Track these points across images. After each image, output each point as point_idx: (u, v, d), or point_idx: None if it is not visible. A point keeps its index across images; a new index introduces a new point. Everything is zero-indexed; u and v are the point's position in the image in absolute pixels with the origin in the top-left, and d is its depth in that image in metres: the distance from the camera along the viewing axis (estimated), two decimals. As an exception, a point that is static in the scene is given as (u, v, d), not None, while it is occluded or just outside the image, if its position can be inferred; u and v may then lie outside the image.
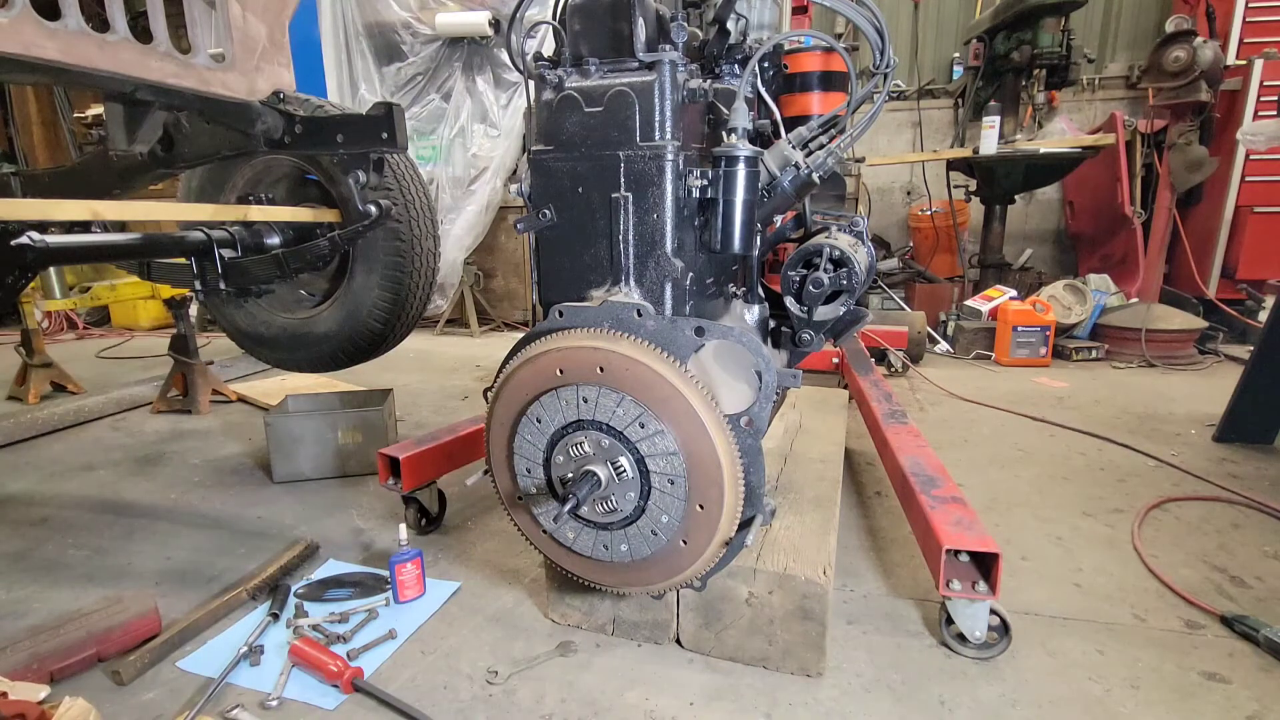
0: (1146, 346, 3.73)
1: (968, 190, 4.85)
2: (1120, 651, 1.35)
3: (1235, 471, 2.23)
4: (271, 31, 1.62)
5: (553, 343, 1.19)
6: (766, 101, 1.35)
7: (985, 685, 1.26)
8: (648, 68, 1.19)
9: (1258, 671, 1.29)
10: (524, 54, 1.27)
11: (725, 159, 1.18)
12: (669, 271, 1.22)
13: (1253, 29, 4.33)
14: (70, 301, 3.63)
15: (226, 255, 1.98)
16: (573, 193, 1.25)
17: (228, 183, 2.24)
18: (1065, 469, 2.30)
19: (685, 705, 1.21)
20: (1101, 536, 1.82)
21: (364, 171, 1.83)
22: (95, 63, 1.24)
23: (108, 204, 1.57)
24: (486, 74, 4.80)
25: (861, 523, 1.93)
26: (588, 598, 1.41)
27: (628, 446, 1.14)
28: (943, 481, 1.53)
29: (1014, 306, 3.88)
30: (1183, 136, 3.75)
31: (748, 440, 1.14)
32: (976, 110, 4.41)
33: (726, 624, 1.32)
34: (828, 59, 1.81)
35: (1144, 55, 4.38)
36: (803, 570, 1.26)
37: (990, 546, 1.26)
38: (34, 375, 3.27)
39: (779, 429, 2.09)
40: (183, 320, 3.04)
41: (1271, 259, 4.07)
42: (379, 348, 2.30)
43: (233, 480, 2.33)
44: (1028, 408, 2.95)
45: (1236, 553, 1.72)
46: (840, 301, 1.43)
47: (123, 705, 1.23)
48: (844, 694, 1.24)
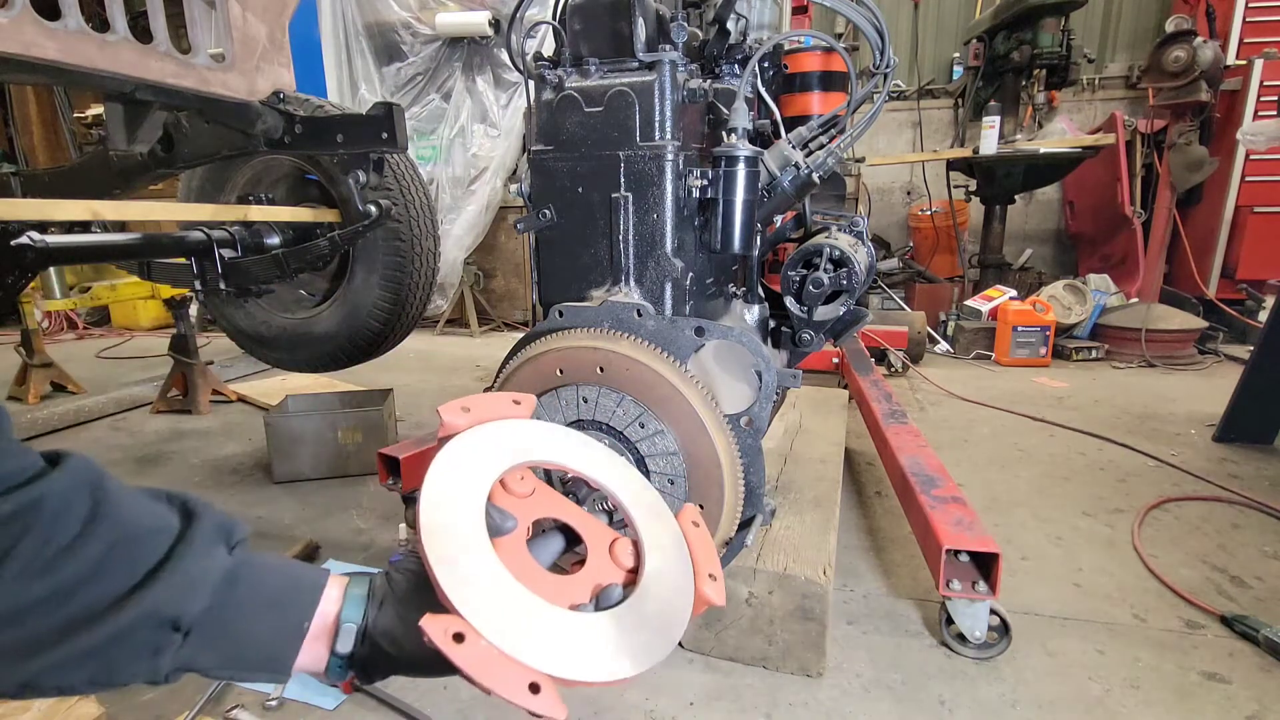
0: (1146, 346, 3.73)
1: (968, 190, 4.84)
2: (1120, 651, 1.35)
3: (1235, 471, 2.23)
4: (271, 31, 1.62)
5: (553, 343, 1.19)
6: (766, 101, 1.35)
7: (985, 685, 1.26)
8: (648, 68, 1.19)
9: (1258, 671, 1.29)
10: (524, 54, 1.27)
11: (725, 159, 1.18)
12: (669, 271, 1.22)
13: (1253, 29, 4.33)
14: (70, 301, 3.63)
15: (226, 255, 1.98)
16: (573, 193, 1.25)
17: (228, 183, 2.24)
18: (1065, 469, 2.29)
19: (685, 705, 1.21)
20: (1101, 536, 1.82)
21: (364, 171, 1.83)
22: (95, 63, 1.24)
23: (108, 204, 1.57)
24: (486, 74, 4.80)
25: (861, 523, 1.93)
26: (588, 598, 1.41)
27: (628, 446, 1.14)
28: (943, 481, 1.53)
29: (1014, 306, 3.88)
30: (1183, 136, 3.75)
31: (748, 440, 1.14)
32: (976, 110, 4.41)
33: (726, 624, 1.32)
34: (828, 59, 1.81)
35: (1144, 55, 4.38)
36: (803, 570, 1.26)
37: (990, 546, 1.26)
38: (34, 375, 3.26)
39: (779, 429, 2.09)
40: (183, 320, 3.04)
41: (1271, 259, 4.07)
42: (379, 348, 2.30)
43: (233, 480, 2.32)
44: (1028, 408, 2.95)
45: (1236, 553, 1.72)
46: (840, 301, 1.43)
47: (123, 705, 1.23)
48: (844, 694, 1.24)
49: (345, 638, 0.61)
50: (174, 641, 0.55)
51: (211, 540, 0.59)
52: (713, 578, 0.74)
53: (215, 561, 0.58)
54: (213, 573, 0.57)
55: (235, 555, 0.61)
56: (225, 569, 0.59)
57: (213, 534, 0.59)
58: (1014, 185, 4.35)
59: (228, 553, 0.60)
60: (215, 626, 0.57)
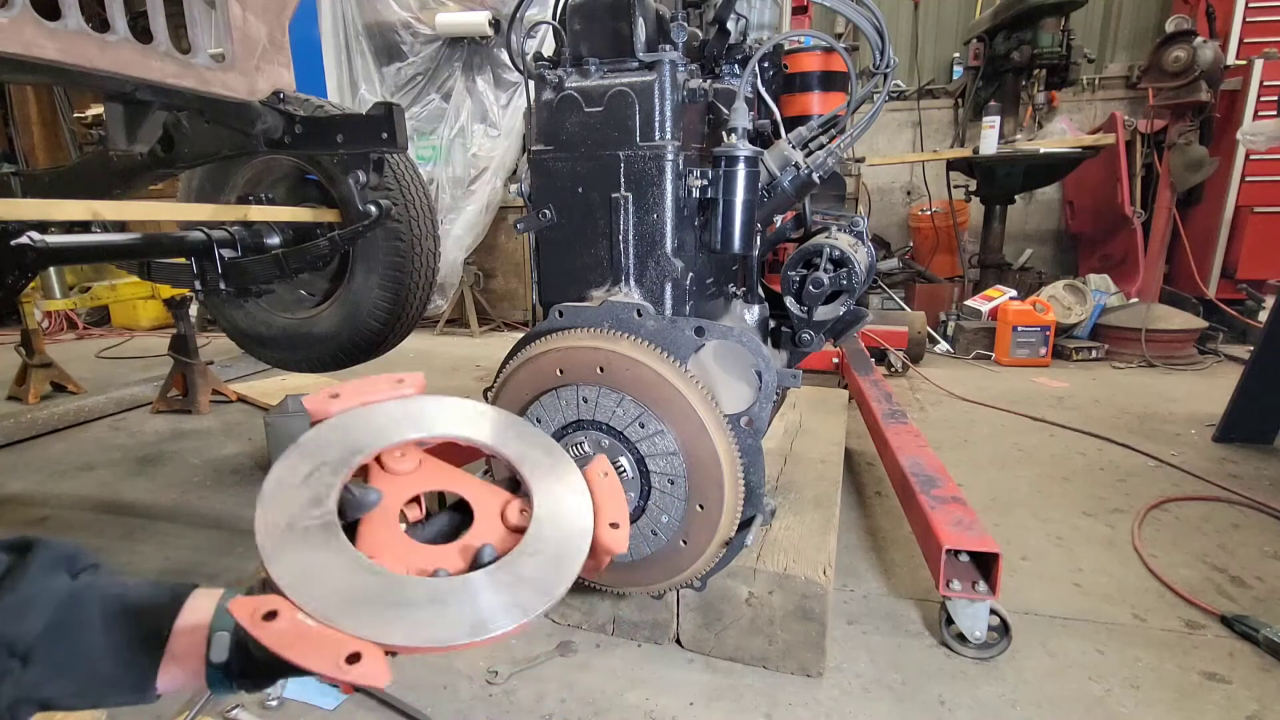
0: (1146, 346, 3.73)
1: (968, 190, 4.85)
2: (1120, 651, 1.35)
3: (1235, 471, 2.23)
4: (271, 31, 1.62)
5: (553, 343, 1.18)
6: (766, 101, 1.34)
7: (985, 685, 1.26)
8: (648, 68, 1.19)
9: (1258, 671, 1.29)
10: (524, 54, 1.28)
11: (725, 159, 1.18)
12: (669, 271, 1.22)
13: (1253, 29, 4.33)
14: (70, 301, 3.63)
15: (226, 255, 1.98)
16: (573, 193, 1.25)
17: (228, 183, 2.24)
18: (1065, 469, 2.29)
19: (685, 705, 1.21)
20: (1101, 536, 1.82)
21: (364, 171, 1.83)
22: (95, 63, 1.24)
23: (108, 204, 1.57)
24: (486, 74, 4.80)
25: (861, 523, 1.93)
26: (588, 597, 1.41)
27: (628, 446, 1.14)
28: (943, 481, 1.53)
29: (1014, 306, 3.88)
30: (1183, 136, 3.74)
31: (748, 440, 1.14)
32: (976, 110, 4.41)
33: (726, 624, 1.32)
34: (828, 59, 1.81)
35: (1144, 55, 4.38)
36: (803, 570, 1.26)
37: (990, 546, 1.26)
38: (34, 375, 3.26)
39: (779, 429, 2.09)
40: (183, 320, 3.04)
41: (1271, 259, 4.07)
42: (379, 348, 2.29)
43: (233, 480, 2.32)
44: (1027, 408, 2.95)
45: (1236, 553, 1.72)
46: (840, 301, 1.43)
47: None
48: (844, 694, 1.24)
49: (218, 647, 0.59)
50: (12, 668, 0.53)
51: (49, 567, 0.58)
52: (615, 526, 0.72)
53: (54, 585, 0.57)
54: (50, 595, 0.56)
55: (81, 579, 0.59)
56: (67, 591, 0.57)
57: (51, 562, 0.59)
58: (1014, 185, 4.35)
59: (70, 578, 0.59)
60: (61, 649, 0.55)
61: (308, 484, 0.63)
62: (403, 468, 0.71)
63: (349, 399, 0.74)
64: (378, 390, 0.75)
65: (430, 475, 0.72)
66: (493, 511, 0.70)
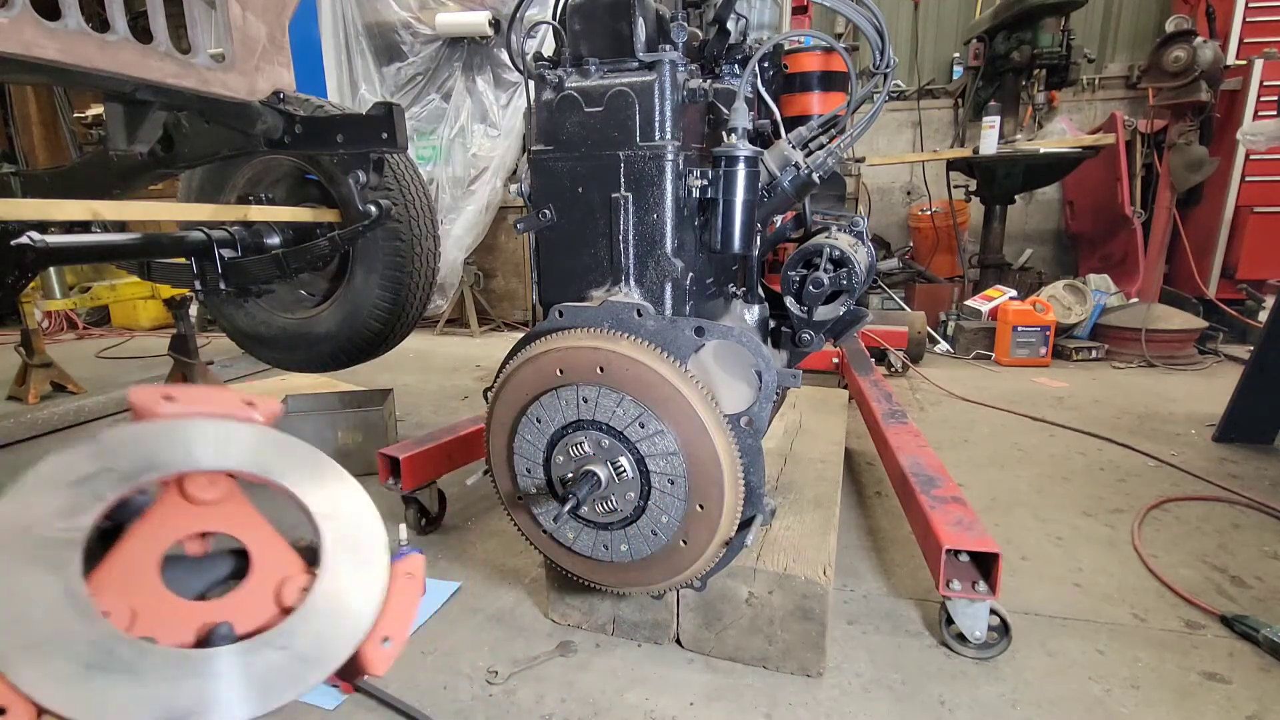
0: (1146, 346, 3.73)
1: (968, 190, 4.85)
2: (1120, 651, 1.35)
3: (1235, 471, 2.23)
4: (271, 31, 1.62)
5: (553, 343, 1.18)
6: (766, 101, 1.34)
7: (985, 685, 1.26)
8: (648, 68, 1.19)
9: (1258, 671, 1.29)
10: (524, 54, 1.27)
11: (725, 159, 1.18)
12: (669, 271, 1.22)
13: (1253, 29, 4.33)
14: (70, 301, 3.64)
15: (226, 255, 1.98)
16: (573, 193, 1.25)
17: (228, 183, 2.24)
18: (1065, 469, 2.29)
19: (685, 705, 1.21)
20: (1101, 536, 1.82)
21: (364, 171, 1.84)
22: (95, 63, 1.24)
23: (108, 204, 1.57)
24: (486, 74, 4.80)
25: (861, 523, 1.93)
26: (588, 598, 1.41)
27: (628, 446, 1.14)
28: (943, 481, 1.53)
29: (1014, 306, 3.88)
30: (1183, 136, 3.75)
31: (748, 440, 1.14)
32: (976, 110, 4.41)
33: (726, 624, 1.32)
34: (828, 59, 1.81)
35: (1144, 55, 4.38)
36: (803, 570, 1.26)
37: (990, 546, 1.26)
38: (34, 375, 3.26)
39: (779, 429, 2.09)
40: (183, 320, 3.04)
41: (1271, 259, 4.07)
42: (379, 348, 2.30)
43: (233, 480, 2.32)
44: (1027, 408, 2.95)
45: (1236, 553, 1.72)
46: (840, 301, 1.43)
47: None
48: (844, 694, 1.24)
49: None
50: None
51: None
52: (387, 641, 0.63)
53: None
54: None
55: None
56: None
57: None
58: (1014, 185, 4.35)
59: None
60: None
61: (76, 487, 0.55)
62: (205, 496, 0.63)
63: (183, 405, 0.65)
64: (220, 405, 0.67)
65: (229, 515, 0.64)
66: (268, 580, 0.62)
